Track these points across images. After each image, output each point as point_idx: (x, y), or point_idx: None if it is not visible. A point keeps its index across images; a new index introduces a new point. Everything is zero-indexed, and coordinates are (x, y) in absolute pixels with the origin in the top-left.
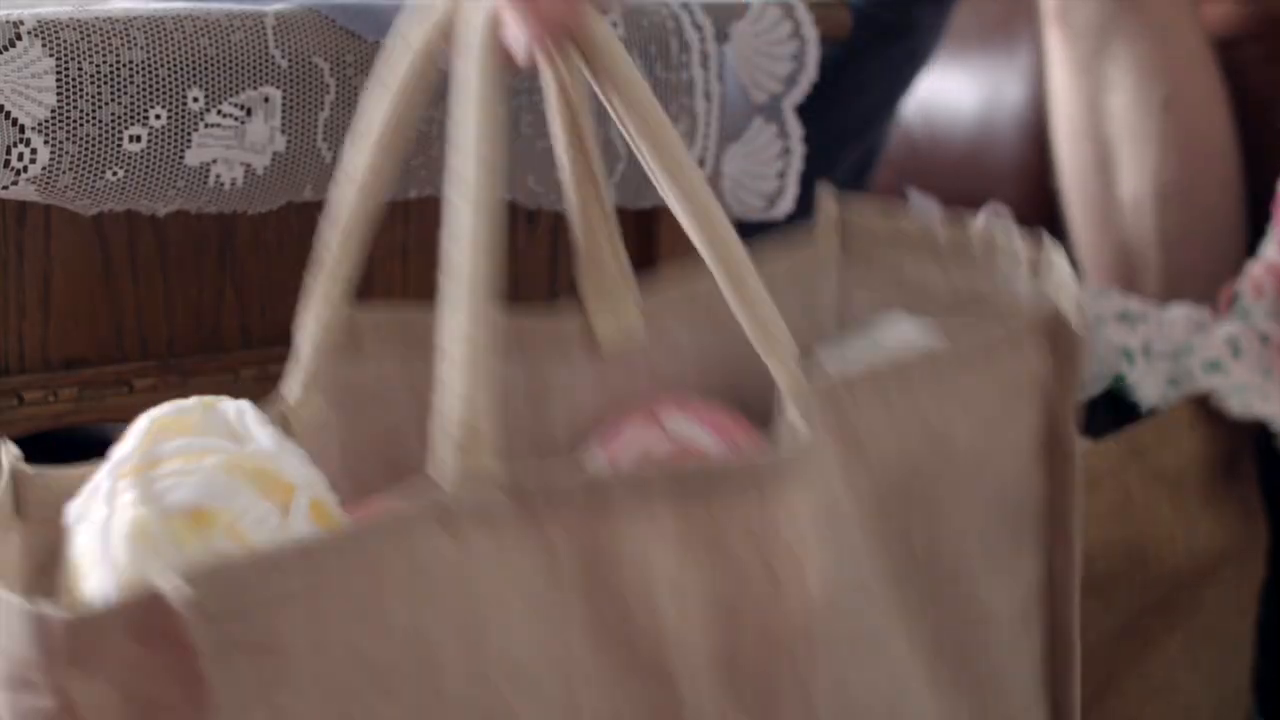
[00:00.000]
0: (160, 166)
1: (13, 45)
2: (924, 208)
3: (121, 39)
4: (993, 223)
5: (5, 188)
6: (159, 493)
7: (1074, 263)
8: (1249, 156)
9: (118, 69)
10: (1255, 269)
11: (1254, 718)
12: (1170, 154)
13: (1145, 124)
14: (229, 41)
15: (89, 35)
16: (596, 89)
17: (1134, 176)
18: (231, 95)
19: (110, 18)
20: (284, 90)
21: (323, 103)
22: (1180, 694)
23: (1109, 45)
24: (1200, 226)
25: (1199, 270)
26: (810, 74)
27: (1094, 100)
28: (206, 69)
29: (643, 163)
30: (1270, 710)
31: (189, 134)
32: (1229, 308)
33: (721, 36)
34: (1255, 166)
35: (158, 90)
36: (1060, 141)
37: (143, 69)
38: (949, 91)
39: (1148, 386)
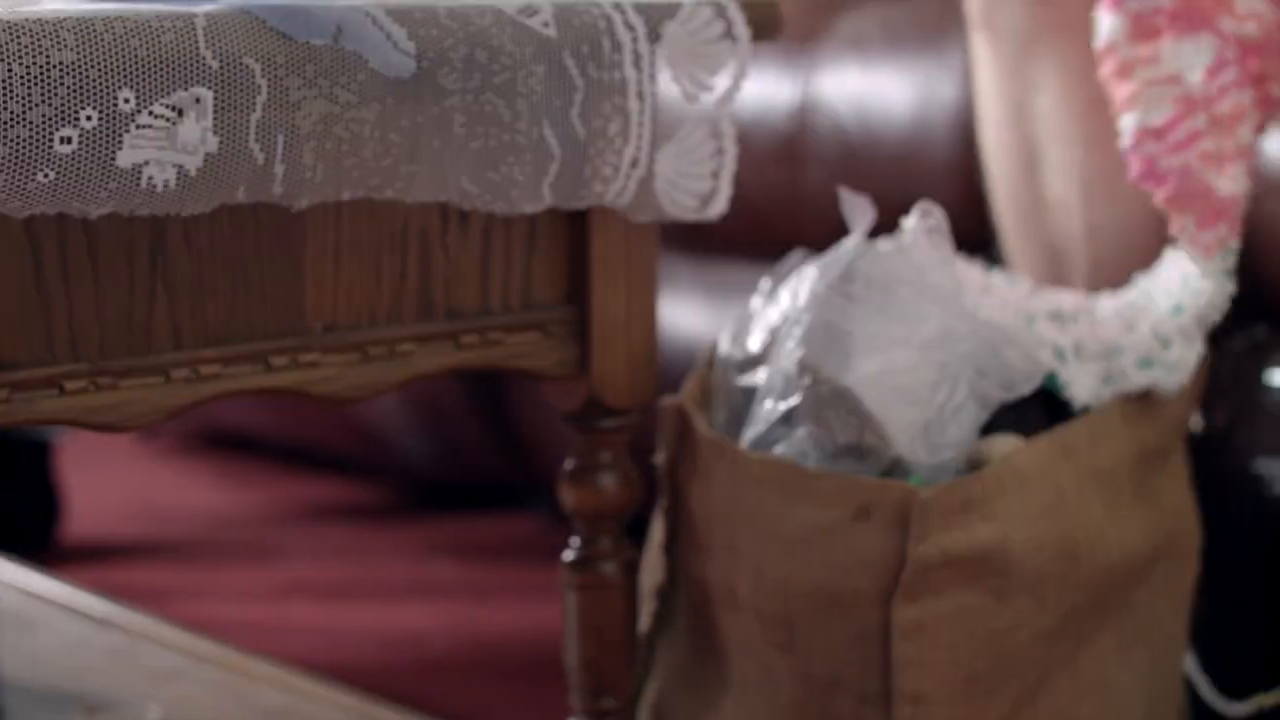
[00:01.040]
0: (91, 168)
1: None
2: (856, 207)
3: (51, 40)
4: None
5: None
6: None
7: (1004, 262)
8: None
9: (48, 70)
10: None
11: (1187, 716)
12: (1095, 154)
13: (1071, 124)
14: (160, 42)
15: (18, 36)
16: None
17: (1060, 177)
18: (163, 96)
19: (40, 19)
20: (215, 91)
21: (254, 103)
22: (1114, 692)
23: (1034, 47)
24: (1126, 225)
25: (1125, 269)
26: (743, 74)
27: (1020, 102)
28: (137, 70)
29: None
30: (1203, 709)
31: (120, 135)
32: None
33: (654, 36)
34: None
35: (88, 91)
36: (987, 143)
37: (73, 70)
38: (883, 90)
39: (1080, 385)
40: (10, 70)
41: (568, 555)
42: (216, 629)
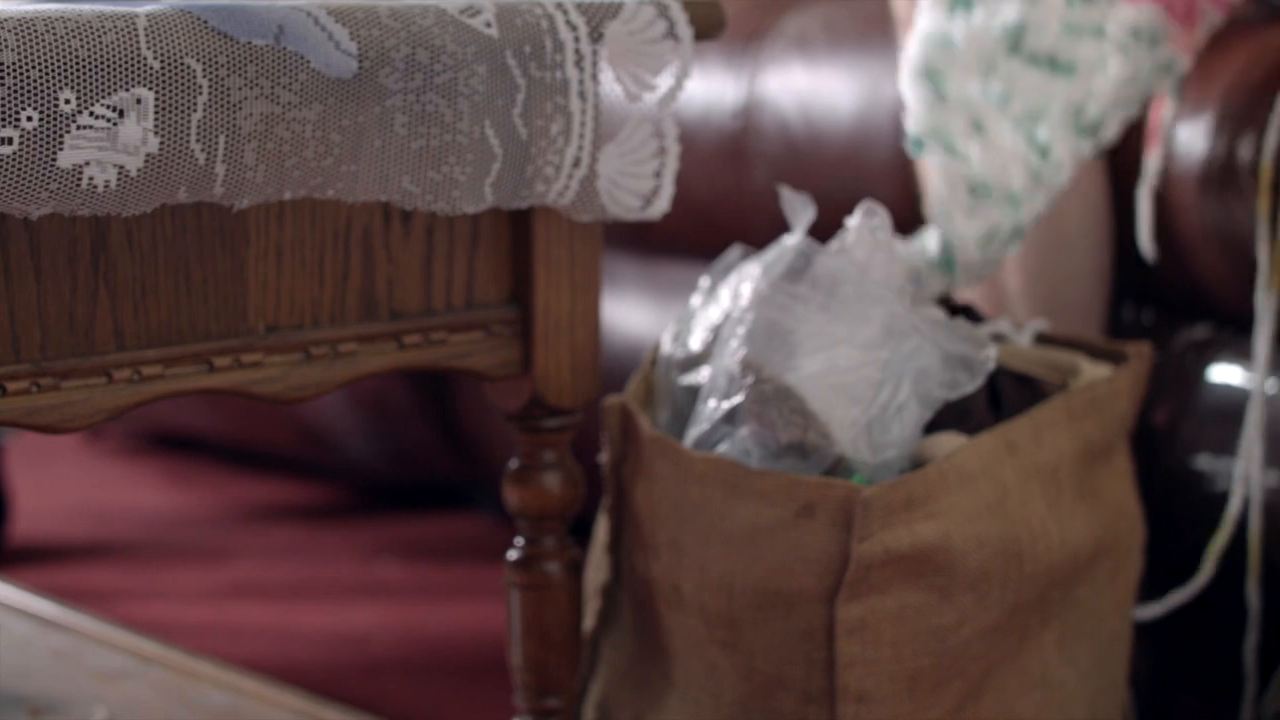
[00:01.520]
0: (32, 168)
1: None
2: (796, 206)
3: None
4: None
5: None
6: None
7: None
8: (1107, 153)
9: None
10: None
11: (1130, 712)
12: None
13: None
14: (101, 43)
15: None
16: None
17: None
18: (104, 97)
19: None
20: (156, 91)
21: (195, 104)
22: (1056, 689)
23: None
24: (1056, 223)
25: (1055, 265)
26: (685, 74)
27: None
28: (78, 70)
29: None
30: (1147, 704)
31: (61, 136)
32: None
33: (596, 36)
34: (1112, 158)
35: (29, 92)
36: None
37: (13, 70)
38: (828, 90)
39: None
40: None
41: (511, 555)
42: (163, 630)
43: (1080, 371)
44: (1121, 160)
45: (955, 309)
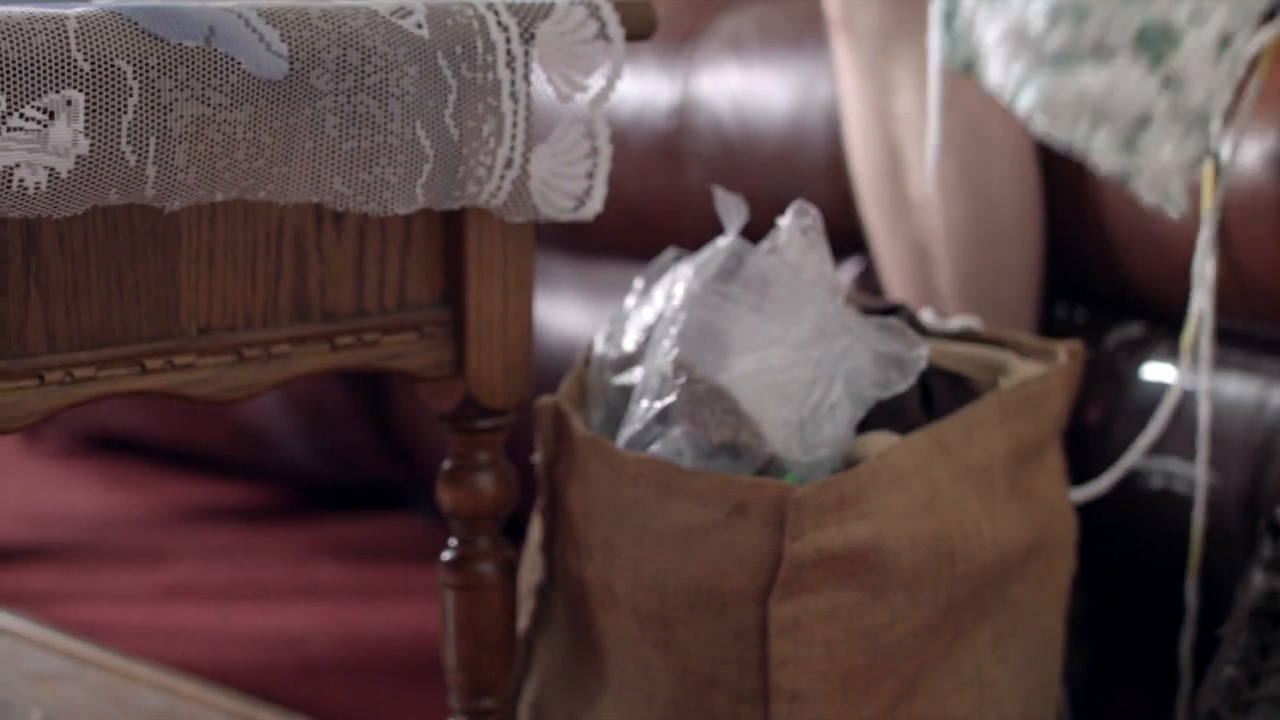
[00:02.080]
0: None
1: None
2: (729, 206)
3: None
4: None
5: None
6: None
7: (873, 261)
8: (1041, 150)
9: None
10: None
11: (1064, 711)
12: (952, 153)
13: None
14: (30, 44)
15: None
16: None
17: (922, 177)
18: (33, 98)
19: None
20: (87, 93)
21: (126, 105)
22: (990, 687)
23: (892, 47)
24: (987, 221)
25: (988, 265)
26: (617, 74)
27: (880, 104)
28: (8, 72)
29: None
30: (1081, 703)
31: None
32: None
33: (527, 37)
34: (1046, 155)
35: None
36: (852, 146)
37: None
38: (762, 89)
39: None
40: None
41: (446, 555)
42: (99, 632)
43: (1012, 370)
44: (1054, 157)
45: (887, 309)
